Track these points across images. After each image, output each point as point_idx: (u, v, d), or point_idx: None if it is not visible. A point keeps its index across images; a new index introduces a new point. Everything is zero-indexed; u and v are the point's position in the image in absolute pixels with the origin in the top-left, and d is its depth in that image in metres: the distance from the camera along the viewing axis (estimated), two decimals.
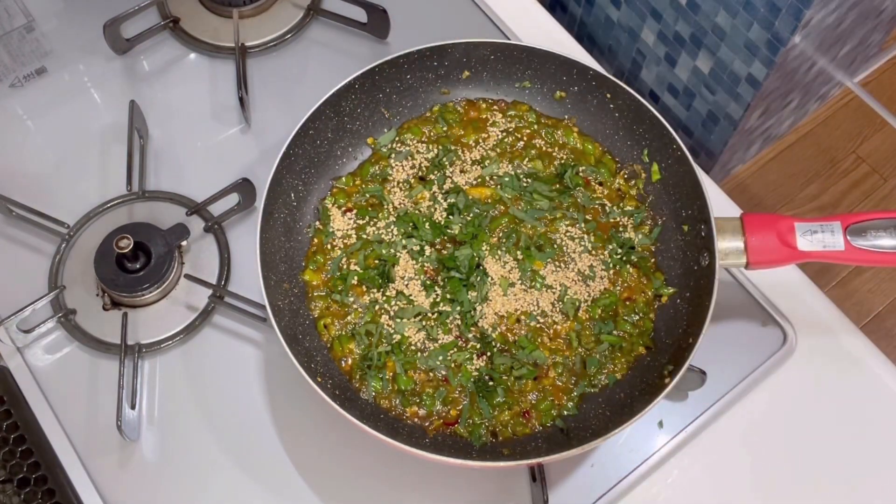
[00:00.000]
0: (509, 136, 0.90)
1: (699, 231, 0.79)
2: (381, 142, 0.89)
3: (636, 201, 0.86)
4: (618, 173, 0.88)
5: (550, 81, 0.89)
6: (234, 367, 0.84)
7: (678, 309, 0.80)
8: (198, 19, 1.03)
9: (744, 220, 0.76)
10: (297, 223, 0.85)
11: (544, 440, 0.76)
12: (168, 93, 0.99)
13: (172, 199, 0.91)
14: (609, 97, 0.86)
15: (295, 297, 0.80)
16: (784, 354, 0.84)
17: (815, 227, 0.73)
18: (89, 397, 0.81)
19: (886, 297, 1.71)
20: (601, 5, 1.33)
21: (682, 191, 0.82)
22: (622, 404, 0.76)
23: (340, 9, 1.02)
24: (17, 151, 0.95)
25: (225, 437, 0.81)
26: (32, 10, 1.03)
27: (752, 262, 0.75)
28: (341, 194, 0.87)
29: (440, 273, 0.82)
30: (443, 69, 0.89)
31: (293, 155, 0.82)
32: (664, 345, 0.79)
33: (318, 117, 0.84)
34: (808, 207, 1.80)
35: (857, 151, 1.85)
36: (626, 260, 0.83)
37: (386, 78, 0.87)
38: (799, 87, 1.43)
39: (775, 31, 1.09)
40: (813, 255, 0.73)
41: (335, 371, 0.78)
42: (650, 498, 0.79)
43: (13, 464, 0.78)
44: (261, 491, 0.78)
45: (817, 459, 0.81)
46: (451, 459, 0.70)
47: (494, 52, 0.88)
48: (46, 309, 0.84)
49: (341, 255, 0.83)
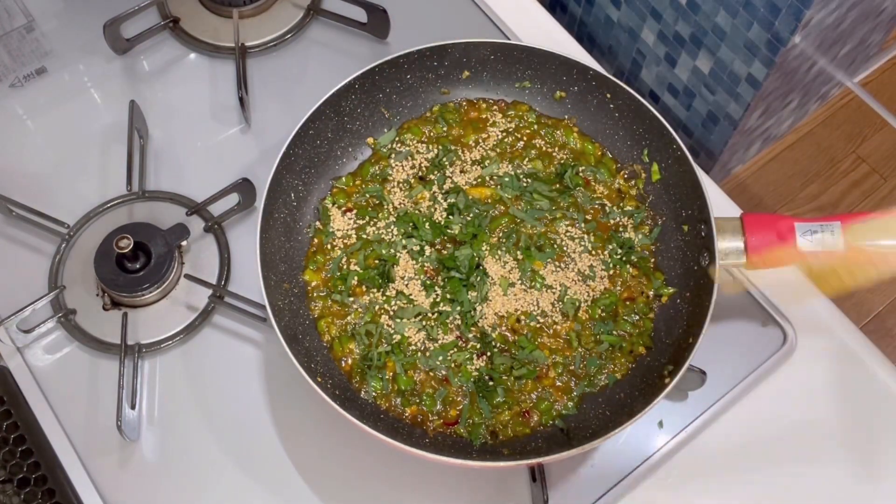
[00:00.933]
0: (509, 136, 0.90)
1: (699, 231, 0.79)
2: (381, 142, 0.89)
3: (636, 201, 0.86)
4: (618, 173, 0.88)
5: (550, 81, 0.89)
6: (234, 367, 0.84)
7: (678, 309, 0.80)
8: (198, 19, 1.03)
9: (744, 220, 0.76)
10: (297, 223, 0.85)
11: (544, 440, 0.76)
12: (168, 93, 0.99)
13: (172, 199, 0.91)
14: (609, 97, 0.86)
15: (295, 297, 0.80)
16: (784, 354, 0.84)
17: (815, 227, 0.73)
18: (89, 397, 0.81)
19: (886, 297, 1.71)
20: (601, 5, 1.33)
21: (682, 191, 0.82)
22: (622, 404, 0.76)
23: (340, 9, 1.02)
24: (17, 151, 0.95)
25: (225, 437, 0.81)
26: (32, 10, 1.03)
27: (751, 261, 0.75)
28: (341, 194, 0.87)
29: (440, 273, 0.82)
30: (443, 69, 0.89)
31: (293, 155, 0.82)
32: (664, 345, 0.79)
33: (318, 117, 0.84)
34: (808, 207, 1.80)
35: (857, 151, 1.85)
36: (626, 260, 0.83)
37: (386, 78, 0.87)
38: (799, 87, 1.43)
39: (775, 31, 1.09)
40: (812, 256, 0.73)
41: (335, 371, 0.78)
42: (650, 498, 0.79)
43: (13, 464, 0.78)
44: (261, 491, 0.78)
45: (817, 459, 0.81)
46: (451, 459, 0.70)
47: (494, 52, 0.88)
48: (46, 309, 0.84)
49: (341, 255, 0.83)
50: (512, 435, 0.76)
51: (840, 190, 1.82)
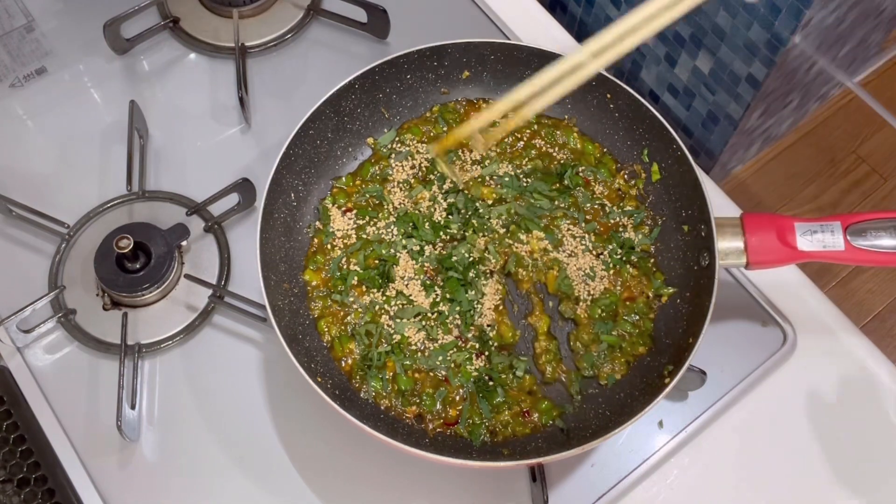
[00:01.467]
0: (509, 136, 0.90)
1: (699, 231, 0.79)
2: (381, 142, 0.89)
3: (636, 201, 0.86)
4: (618, 173, 0.88)
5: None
6: (233, 367, 0.84)
7: (678, 309, 0.80)
8: (198, 19, 1.03)
9: (744, 220, 0.76)
10: (297, 223, 0.85)
11: (544, 440, 0.76)
12: (168, 93, 0.99)
13: (172, 199, 0.91)
14: (609, 97, 0.86)
15: (295, 297, 0.80)
16: (784, 354, 0.84)
17: (815, 227, 0.73)
18: (89, 397, 0.81)
19: (886, 297, 1.71)
20: (601, 5, 1.33)
21: (682, 191, 0.82)
22: (622, 404, 0.76)
23: (340, 9, 1.02)
24: (17, 151, 0.95)
25: (225, 437, 0.80)
26: (32, 10, 1.03)
27: (752, 262, 0.75)
28: (341, 194, 0.87)
29: (440, 273, 0.82)
30: (443, 69, 0.89)
31: (293, 155, 0.82)
32: (664, 345, 0.79)
33: (318, 117, 0.84)
34: (808, 207, 1.80)
35: (857, 151, 1.85)
36: (626, 260, 0.83)
37: (386, 78, 0.87)
38: (799, 87, 1.43)
39: (775, 31, 1.09)
40: (813, 255, 0.73)
41: (335, 371, 0.78)
42: (650, 498, 0.79)
43: (13, 464, 0.78)
44: (261, 491, 0.78)
45: (817, 459, 0.81)
46: (451, 459, 0.70)
47: (494, 52, 0.88)
48: (46, 309, 0.84)
49: (341, 255, 0.83)
50: (512, 435, 0.76)
51: (840, 190, 1.82)
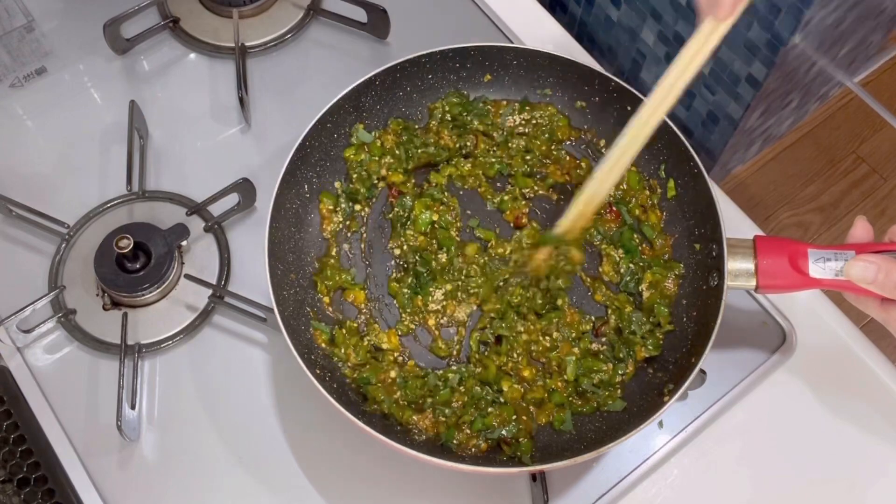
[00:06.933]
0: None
1: (711, 250, 0.78)
2: None
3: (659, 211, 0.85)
4: (642, 187, 0.86)
5: (571, 90, 0.88)
6: (233, 367, 0.84)
7: (684, 328, 0.79)
8: (198, 19, 1.03)
9: (756, 242, 0.73)
10: (309, 215, 0.84)
11: (544, 447, 0.76)
12: (168, 93, 0.99)
13: (172, 199, 0.91)
14: (630, 110, 0.85)
15: (301, 289, 0.80)
16: (784, 354, 0.84)
17: (828, 255, 0.70)
18: (89, 397, 0.81)
19: None
20: (601, 5, 1.33)
21: (696, 208, 0.81)
22: (619, 419, 0.76)
23: (340, 9, 1.02)
24: (17, 151, 0.95)
25: (225, 437, 0.80)
26: (32, 10, 1.03)
27: (761, 285, 0.73)
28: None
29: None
30: (465, 71, 0.89)
31: (309, 146, 0.82)
32: (666, 362, 0.78)
33: (337, 111, 0.83)
34: (807, 207, 1.81)
35: (857, 151, 1.86)
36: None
37: (408, 76, 0.87)
38: (799, 87, 1.43)
39: (775, 31, 1.09)
40: (824, 284, 0.70)
41: (335, 366, 0.78)
42: (650, 498, 0.79)
43: (13, 464, 0.78)
44: (262, 491, 0.78)
45: (817, 459, 0.81)
46: (451, 463, 0.69)
47: (517, 57, 0.88)
48: (46, 309, 0.84)
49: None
50: (512, 440, 0.76)
51: (840, 190, 1.82)
